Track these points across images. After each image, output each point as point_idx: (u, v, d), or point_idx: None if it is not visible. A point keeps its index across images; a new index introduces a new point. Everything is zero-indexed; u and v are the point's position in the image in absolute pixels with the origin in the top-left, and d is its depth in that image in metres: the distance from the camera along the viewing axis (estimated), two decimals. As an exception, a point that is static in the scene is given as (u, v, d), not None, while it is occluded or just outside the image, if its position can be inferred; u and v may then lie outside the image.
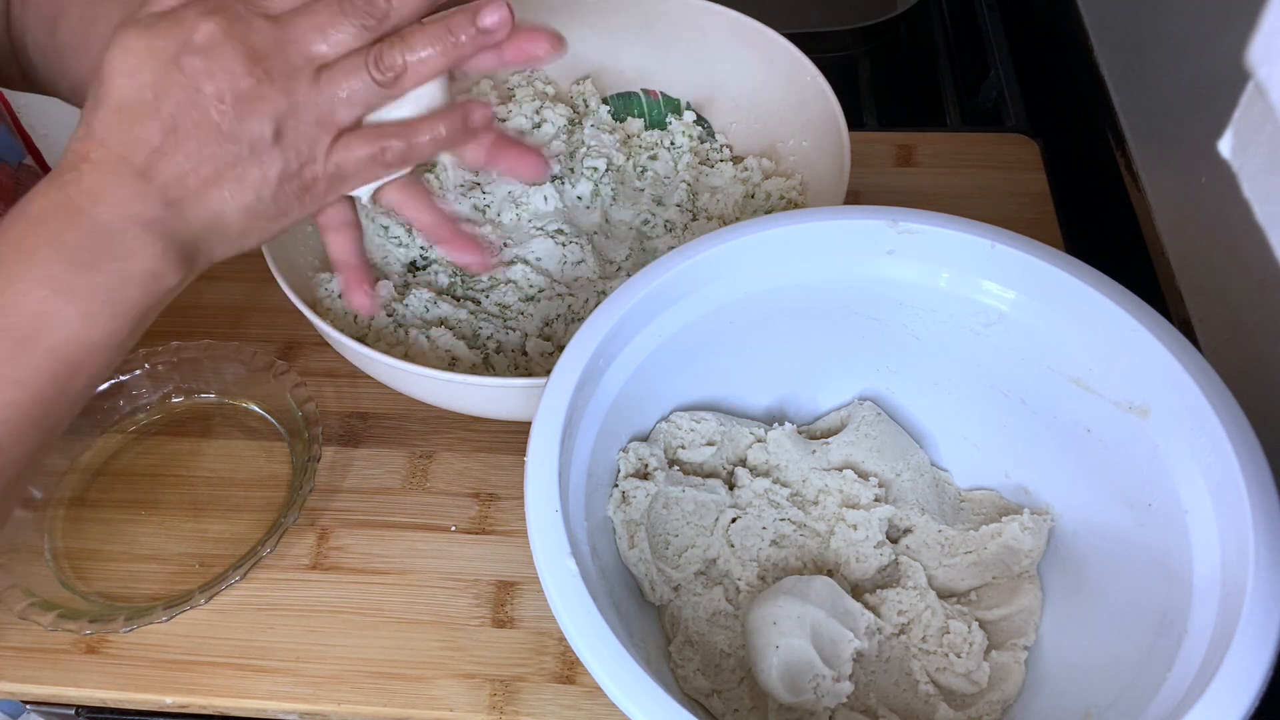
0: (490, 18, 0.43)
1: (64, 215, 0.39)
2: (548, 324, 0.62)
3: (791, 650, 0.45)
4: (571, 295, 0.62)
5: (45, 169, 0.70)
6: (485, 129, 0.46)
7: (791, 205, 0.66)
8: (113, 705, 0.55)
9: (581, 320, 0.54)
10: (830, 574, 0.51)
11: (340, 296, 0.61)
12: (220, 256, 0.44)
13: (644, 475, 0.51)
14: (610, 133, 0.71)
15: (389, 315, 0.61)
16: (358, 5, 0.41)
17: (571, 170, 0.69)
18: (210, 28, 0.39)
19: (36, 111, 0.70)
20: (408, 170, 0.47)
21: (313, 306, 0.57)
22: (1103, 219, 0.72)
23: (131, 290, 0.40)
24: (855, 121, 0.63)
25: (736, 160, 0.71)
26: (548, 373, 0.46)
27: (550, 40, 0.46)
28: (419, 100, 0.45)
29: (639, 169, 0.69)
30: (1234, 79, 0.54)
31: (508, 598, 0.56)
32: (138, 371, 0.64)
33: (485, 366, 0.60)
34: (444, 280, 0.64)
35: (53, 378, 0.40)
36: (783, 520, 0.52)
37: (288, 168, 0.42)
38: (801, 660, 0.45)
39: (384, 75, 0.42)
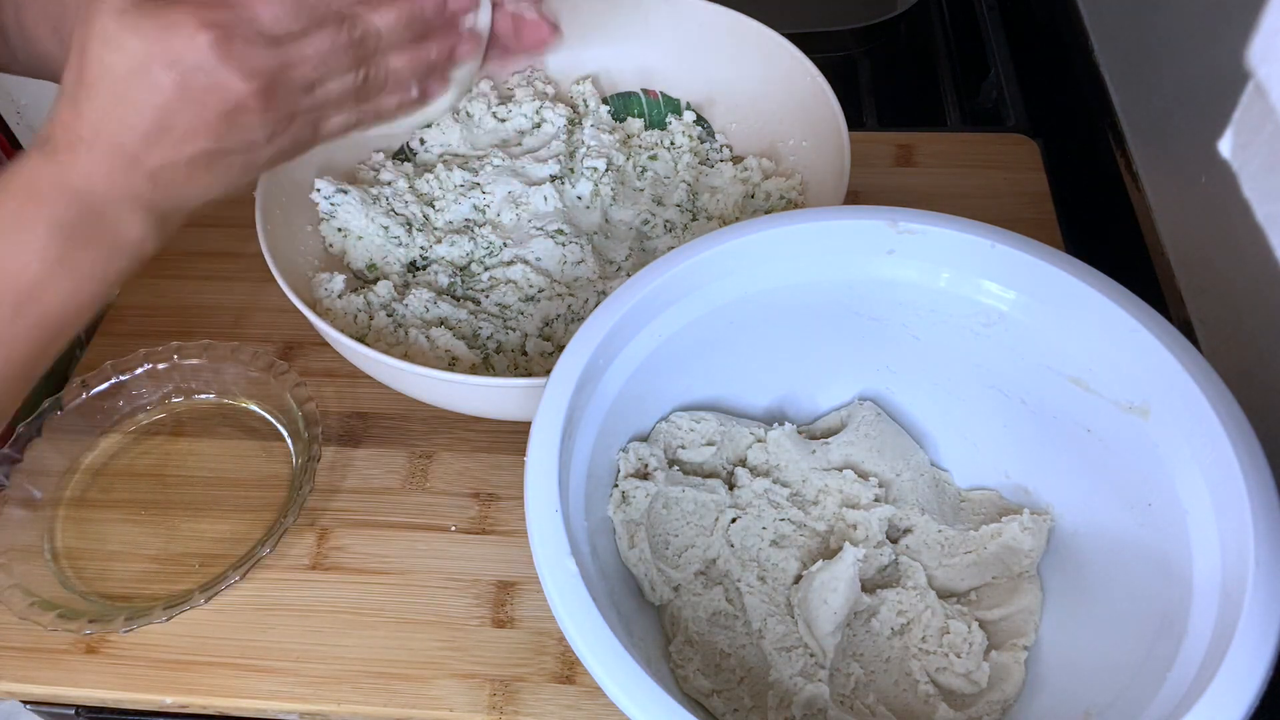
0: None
1: (60, 193, 0.42)
2: (548, 324, 0.62)
3: None
4: (571, 295, 0.62)
5: (7, 144, 0.69)
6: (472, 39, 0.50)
7: (791, 205, 0.66)
8: (112, 705, 0.55)
9: (581, 320, 0.54)
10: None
11: (339, 296, 0.61)
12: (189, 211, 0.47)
13: (644, 475, 0.51)
14: (610, 133, 0.71)
15: (389, 315, 0.61)
16: (346, 42, 0.44)
17: (571, 170, 0.69)
18: (206, 42, 0.40)
19: (12, 82, 0.69)
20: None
21: (313, 306, 0.57)
22: (1103, 219, 0.72)
23: (119, 261, 0.44)
24: (855, 121, 0.63)
25: (736, 160, 0.71)
26: (548, 373, 0.46)
27: (551, 29, 0.52)
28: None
29: (639, 169, 0.69)
30: (1234, 79, 0.54)
31: (507, 598, 0.56)
32: (138, 371, 0.64)
33: (485, 366, 0.60)
34: (444, 280, 0.64)
35: (39, 341, 0.43)
36: (783, 520, 0.52)
37: (276, 155, 0.45)
38: None
39: (367, 93, 0.47)
